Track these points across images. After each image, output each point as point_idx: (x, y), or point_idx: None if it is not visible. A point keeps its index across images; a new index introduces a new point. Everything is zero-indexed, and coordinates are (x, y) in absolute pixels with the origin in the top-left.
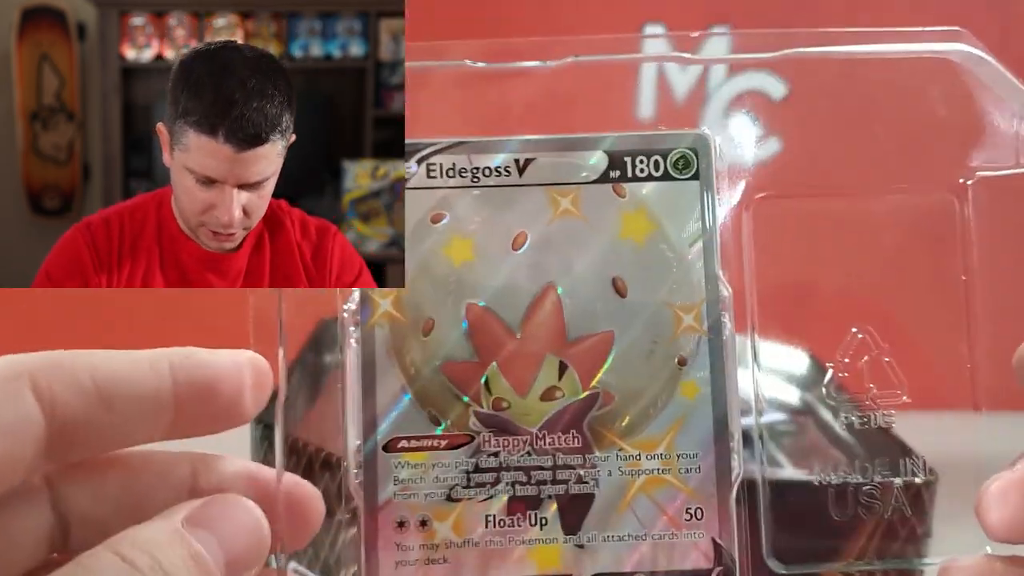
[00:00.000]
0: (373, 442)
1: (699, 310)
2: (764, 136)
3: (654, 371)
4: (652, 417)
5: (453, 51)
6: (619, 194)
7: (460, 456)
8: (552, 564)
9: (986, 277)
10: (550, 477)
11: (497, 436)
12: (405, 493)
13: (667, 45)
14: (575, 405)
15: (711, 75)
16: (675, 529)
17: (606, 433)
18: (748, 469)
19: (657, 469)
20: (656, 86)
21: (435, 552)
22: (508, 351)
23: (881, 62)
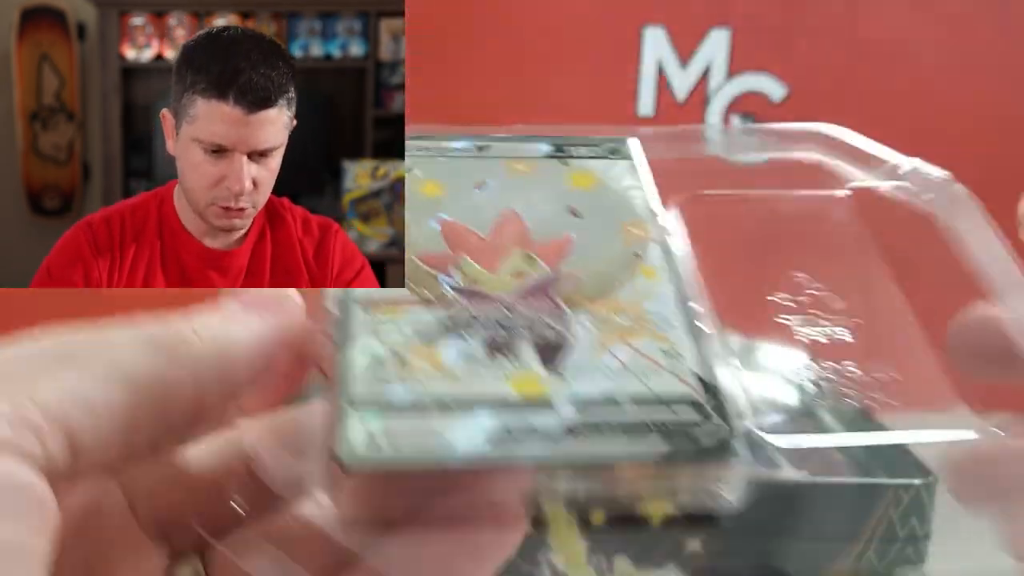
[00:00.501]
0: (346, 300)
1: (646, 224)
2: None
3: (613, 258)
4: (618, 288)
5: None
6: (565, 164)
7: (438, 311)
8: (532, 388)
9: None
10: (527, 327)
11: (471, 300)
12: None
13: (668, 47)
14: (544, 278)
15: (711, 76)
16: (656, 366)
17: (577, 299)
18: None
19: (630, 325)
20: (656, 87)
21: (414, 382)
22: (477, 246)
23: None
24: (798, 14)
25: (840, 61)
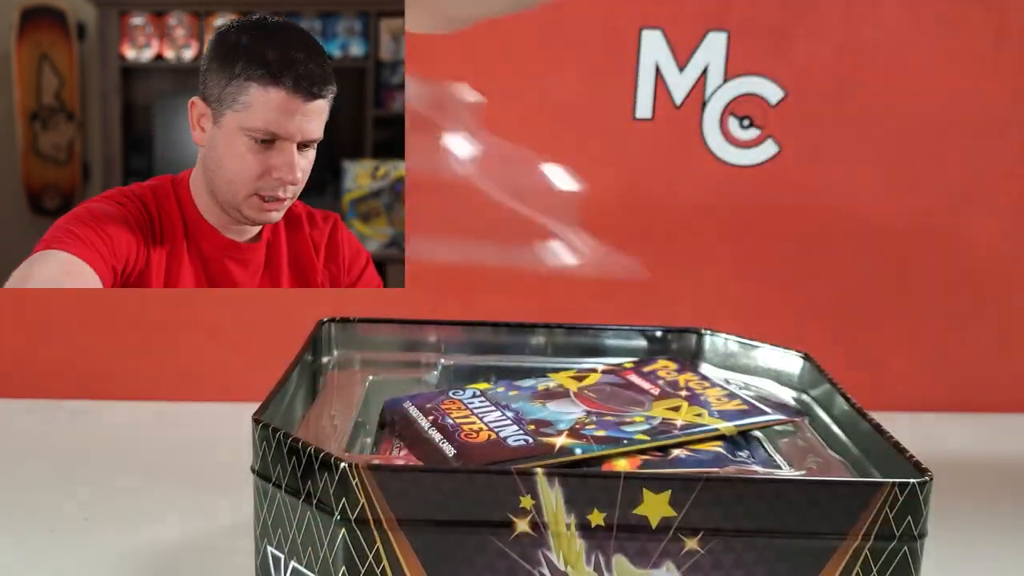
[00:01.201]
0: None
1: None
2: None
3: None
4: None
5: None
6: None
7: None
8: None
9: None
10: None
11: None
12: None
13: (665, 50)
14: None
15: (709, 79)
16: None
17: None
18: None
19: None
20: (653, 90)
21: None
22: None
23: None
24: (795, 17)
25: (837, 64)
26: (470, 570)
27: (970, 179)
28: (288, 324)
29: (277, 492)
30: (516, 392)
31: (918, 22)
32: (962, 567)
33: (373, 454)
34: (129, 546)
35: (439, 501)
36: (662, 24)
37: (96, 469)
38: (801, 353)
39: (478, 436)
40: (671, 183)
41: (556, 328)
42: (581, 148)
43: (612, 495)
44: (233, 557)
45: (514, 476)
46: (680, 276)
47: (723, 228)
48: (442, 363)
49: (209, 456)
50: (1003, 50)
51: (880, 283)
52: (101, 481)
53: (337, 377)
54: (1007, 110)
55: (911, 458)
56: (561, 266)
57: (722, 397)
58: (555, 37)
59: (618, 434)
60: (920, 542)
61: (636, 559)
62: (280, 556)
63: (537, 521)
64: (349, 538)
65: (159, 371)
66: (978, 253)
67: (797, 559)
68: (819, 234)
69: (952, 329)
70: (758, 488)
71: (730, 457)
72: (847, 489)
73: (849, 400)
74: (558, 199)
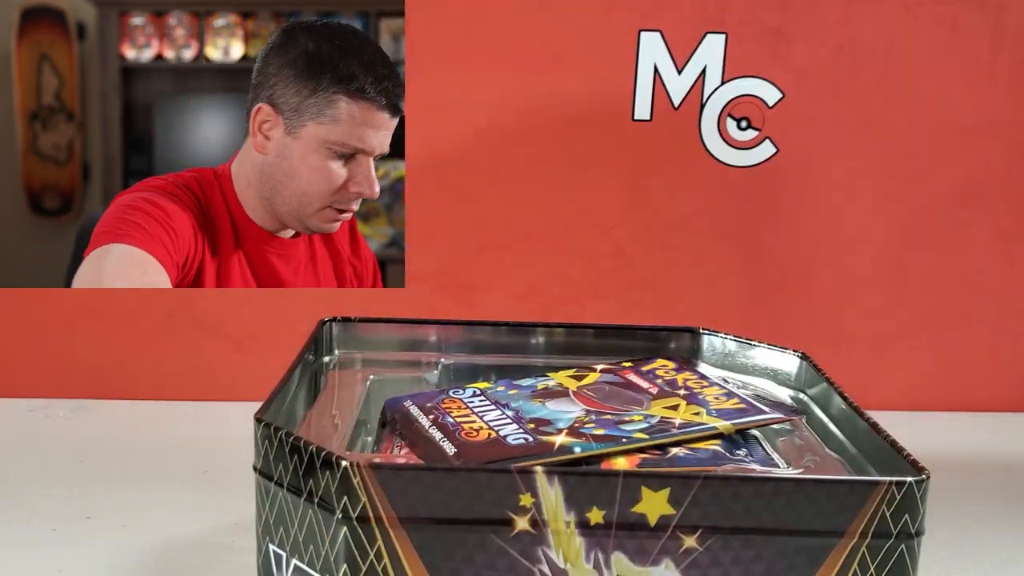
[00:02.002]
0: None
1: None
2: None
3: None
4: None
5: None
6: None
7: None
8: None
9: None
10: None
11: None
12: None
13: (664, 51)
14: None
15: (707, 81)
16: None
17: None
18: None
19: None
20: (652, 91)
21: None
22: None
23: None
24: (792, 19)
25: (834, 66)
26: (470, 568)
27: (967, 179)
28: (289, 324)
29: (279, 490)
30: (516, 391)
31: (915, 24)
32: (959, 565)
33: (374, 453)
34: (130, 545)
35: (440, 499)
36: (660, 26)
37: (97, 469)
38: (798, 352)
39: (478, 435)
40: (669, 183)
41: (556, 328)
42: (581, 149)
43: (611, 493)
44: (235, 555)
45: (514, 474)
46: (678, 276)
47: (721, 228)
48: (442, 362)
49: (210, 455)
50: (1000, 51)
51: (877, 283)
52: (102, 480)
53: (338, 376)
54: (1004, 111)
55: (908, 457)
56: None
57: (720, 396)
58: (555, 38)
59: (617, 433)
60: (917, 540)
61: (635, 557)
62: (282, 554)
63: (537, 519)
64: (350, 536)
65: (159, 371)
66: (975, 253)
67: (795, 557)
68: (817, 234)
69: (949, 329)
70: (756, 486)
71: (728, 456)
72: (844, 487)
73: (846, 399)
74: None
